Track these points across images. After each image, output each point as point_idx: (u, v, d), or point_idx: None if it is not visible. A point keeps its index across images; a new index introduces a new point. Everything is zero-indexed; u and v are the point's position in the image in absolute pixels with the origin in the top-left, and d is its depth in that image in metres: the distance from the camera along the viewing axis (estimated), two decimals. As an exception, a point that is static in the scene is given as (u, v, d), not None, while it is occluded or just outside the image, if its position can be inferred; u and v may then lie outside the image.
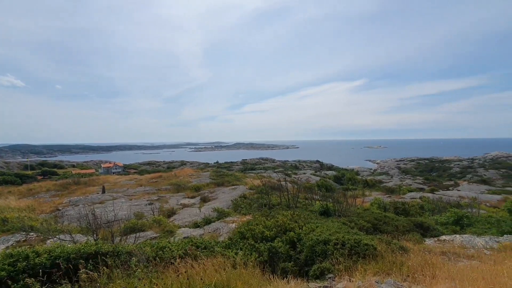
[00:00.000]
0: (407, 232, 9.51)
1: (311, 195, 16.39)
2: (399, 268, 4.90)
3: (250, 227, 7.51)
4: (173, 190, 23.66)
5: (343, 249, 5.65)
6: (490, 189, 30.85)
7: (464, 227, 10.98)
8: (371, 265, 5.15)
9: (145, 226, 11.17)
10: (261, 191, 17.69)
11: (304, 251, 6.06)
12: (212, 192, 21.83)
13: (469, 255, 6.96)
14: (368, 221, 9.74)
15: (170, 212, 15.08)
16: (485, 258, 6.58)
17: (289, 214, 8.72)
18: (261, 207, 13.27)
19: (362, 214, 10.97)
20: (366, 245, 5.74)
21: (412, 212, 14.05)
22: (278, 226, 7.62)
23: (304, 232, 6.96)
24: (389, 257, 5.46)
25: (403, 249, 6.23)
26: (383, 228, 9.54)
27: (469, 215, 12.16)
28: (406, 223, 10.19)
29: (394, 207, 14.50)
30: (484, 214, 13.33)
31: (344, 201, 12.52)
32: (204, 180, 28.37)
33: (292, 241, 6.71)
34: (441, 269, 4.71)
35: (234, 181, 27.46)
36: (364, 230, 8.86)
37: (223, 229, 10.41)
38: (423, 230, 10.14)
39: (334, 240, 5.93)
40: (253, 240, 6.21)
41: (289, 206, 11.98)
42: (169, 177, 31.79)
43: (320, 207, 11.15)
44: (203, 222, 11.64)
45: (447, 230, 10.42)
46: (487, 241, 8.17)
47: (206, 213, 13.68)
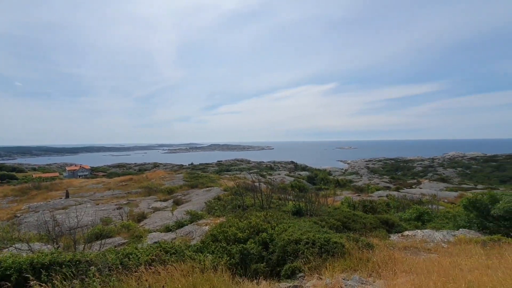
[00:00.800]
0: (374, 229, 9.95)
1: (285, 196, 16.63)
2: (365, 264, 5.12)
3: (223, 229, 7.44)
4: (144, 193, 22.82)
5: (313, 248, 5.79)
6: (448, 187, 33.41)
7: (425, 223, 11.75)
8: (340, 262, 5.32)
9: (113, 232, 10.65)
10: (235, 193, 17.62)
11: (276, 252, 6.11)
12: (186, 195, 21.35)
13: (428, 248, 7.46)
14: (338, 219, 10.06)
15: (140, 217, 14.51)
16: (443, 251, 7.08)
17: (262, 215, 8.77)
18: (235, 209, 13.21)
19: (333, 213, 11.32)
20: (335, 243, 5.93)
21: (379, 210, 14.77)
22: (251, 227, 7.62)
23: (276, 232, 7.03)
24: (356, 254, 5.67)
25: (370, 246, 6.52)
26: (352, 226, 9.91)
27: (429, 211, 13.05)
28: (373, 221, 10.66)
29: (362, 205, 15.15)
30: (443, 210, 14.39)
31: (316, 201, 12.85)
32: (177, 182, 27.66)
33: (265, 241, 6.75)
34: (403, 263, 4.99)
35: (208, 182, 27.08)
36: (334, 228, 9.14)
37: (196, 232, 10.21)
38: (388, 227, 10.68)
39: (305, 240, 6.06)
40: (225, 243, 6.16)
41: (263, 207, 12.05)
42: (140, 180, 30.60)
43: (293, 207, 11.35)
44: (175, 226, 11.34)
45: (410, 225, 11.07)
46: (445, 235, 8.78)
47: (178, 216, 13.34)
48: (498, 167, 64.54)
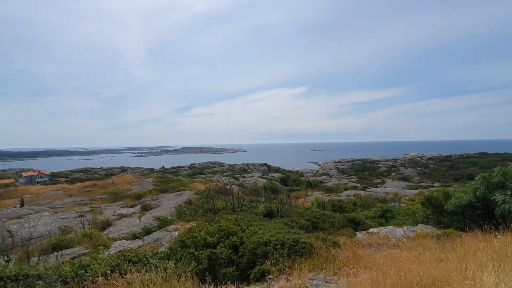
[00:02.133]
0: (341, 227, 10.32)
1: (257, 198, 16.69)
2: (332, 263, 5.28)
3: (192, 234, 7.26)
4: (110, 199, 21.62)
5: (283, 249, 5.85)
6: (409, 185, 35.77)
7: (388, 220, 12.43)
8: (308, 262, 5.44)
9: (73, 242, 9.95)
10: (207, 196, 17.35)
11: (246, 255, 6.09)
12: (155, 200, 20.59)
13: (391, 244, 7.89)
14: (308, 219, 10.30)
15: (104, 224, 13.71)
16: (403, 246, 7.53)
17: (233, 218, 8.70)
18: (206, 213, 12.99)
19: (303, 213, 11.57)
20: (304, 244, 6.05)
21: (346, 209, 15.37)
22: (221, 231, 7.53)
23: (247, 235, 7.01)
24: (324, 253, 5.84)
25: (337, 244, 6.75)
26: (321, 225, 10.20)
27: (392, 208, 13.85)
28: (341, 219, 11.07)
29: (331, 205, 15.67)
30: (404, 207, 15.34)
31: (288, 202, 13.06)
32: (146, 187, 26.59)
33: (235, 245, 6.70)
34: (366, 260, 5.22)
35: (179, 186, 26.38)
36: (304, 228, 9.34)
37: (164, 239, 9.87)
38: (355, 225, 11.15)
39: (275, 241, 6.11)
40: (194, 248, 6.01)
41: (234, 209, 11.98)
42: (106, 185, 28.99)
43: (265, 209, 11.42)
44: (143, 233, 10.88)
45: (375, 223, 11.65)
46: (405, 231, 9.35)
47: (146, 222, 12.81)
48: (451, 166, 70.48)
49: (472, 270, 2.82)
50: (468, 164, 69.36)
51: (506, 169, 9.05)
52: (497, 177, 8.89)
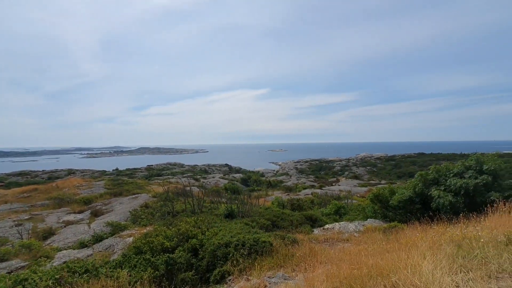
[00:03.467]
0: (300, 225, 10.74)
1: (218, 199, 16.53)
2: (290, 260, 5.46)
3: (148, 239, 6.93)
4: (54, 205, 19.48)
5: (243, 250, 5.89)
6: (360, 183, 38.59)
7: (342, 216, 13.26)
8: (268, 260, 5.54)
9: (9, 254, 8.80)
10: (165, 199, 16.67)
11: (206, 257, 6.00)
12: (107, 204, 19.12)
13: (344, 239, 8.42)
14: (268, 218, 10.52)
15: (47, 233, 12.35)
16: (354, 240, 8.09)
17: (192, 220, 8.50)
18: (164, 216, 12.49)
19: (264, 212, 11.77)
20: (264, 243, 6.17)
21: (305, 207, 16.03)
22: (180, 235, 7.32)
23: (207, 237, 6.91)
24: (283, 251, 6.00)
25: (295, 241, 6.99)
26: (281, 224, 10.49)
27: (345, 205, 14.81)
28: (299, 217, 11.50)
29: (291, 204, 16.20)
30: (356, 204, 16.51)
31: (249, 202, 13.16)
32: (97, 191, 24.54)
33: (195, 248, 6.56)
34: (321, 255, 5.51)
35: (135, 189, 24.88)
36: (264, 228, 9.51)
37: (117, 246, 9.25)
38: (312, 222, 11.68)
39: (235, 242, 6.12)
40: (150, 254, 5.73)
41: (194, 211, 11.72)
42: (49, 190, 26.05)
43: (225, 210, 11.36)
44: (92, 241, 10.05)
45: (330, 219, 12.33)
46: (356, 226, 10.06)
47: (97, 229, 11.86)
48: (395, 165, 77.89)
49: (414, 258, 3.16)
50: (409, 163, 77.33)
51: (440, 167, 10.31)
52: (432, 174, 10.09)
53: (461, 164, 9.81)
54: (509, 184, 9.11)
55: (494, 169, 8.84)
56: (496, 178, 8.97)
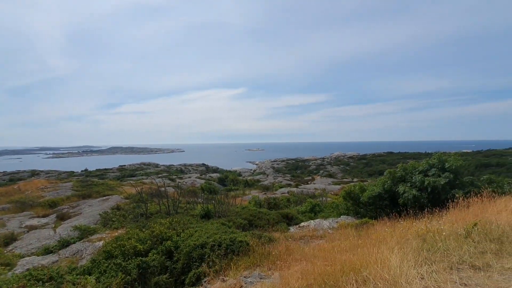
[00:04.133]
0: (276, 223, 10.85)
1: (195, 199, 16.25)
2: (267, 258, 5.49)
3: (120, 243, 6.63)
4: (15, 209, 18.02)
5: (219, 250, 5.83)
6: (334, 181, 39.84)
7: (317, 213, 13.59)
8: (244, 260, 5.53)
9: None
10: (138, 200, 16.09)
11: (181, 259, 5.87)
12: (75, 207, 18.04)
13: (319, 236, 8.63)
14: (245, 218, 10.52)
15: (8, 239, 11.39)
16: (329, 236, 8.32)
17: (167, 222, 8.27)
18: (137, 218, 12.04)
19: (241, 212, 11.75)
20: (240, 242, 6.15)
21: (281, 206, 16.23)
22: (154, 237, 7.09)
23: (182, 239, 6.75)
24: (259, 250, 6.02)
25: (271, 240, 7.05)
26: (257, 222, 10.53)
27: (320, 203, 15.20)
28: (275, 216, 11.62)
29: (267, 202, 16.32)
30: (330, 201, 16.99)
31: (226, 202, 13.07)
32: (64, 193, 23.05)
33: (169, 250, 6.38)
34: (297, 252, 5.60)
35: (106, 191, 23.70)
36: (241, 227, 9.49)
37: (86, 251, 8.77)
38: (288, 220, 11.85)
39: (212, 242, 6.04)
40: (122, 258, 5.49)
41: (169, 213, 11.42)
42: (10, 192, 24.06)
43: (202, 210, 11.19)
44: (59, 246, 9.45)
45: (305, 217, 12.59)
46: (330, 223, 10.36)
47: (63, 233, 11.15)
48: (367, 164, 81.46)
49: (383, 253, 3.32)
50: (379, 161, 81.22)
51: (406, 165, 10.92)
52: (400, 172, 10.66)
53: (426, 162, 10.45)
54: (468, 180, 9.86)
55: (456, 167, 9.51)
56: (457, 175, 9.66)
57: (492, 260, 3.01)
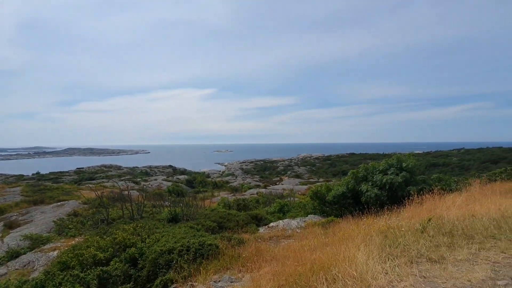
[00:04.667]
0: (246, 225, 10.82)
1: (161, 202, 15.63)
2: (237, 261, 5.43)
3: (78, 252, 6.13)
4: (-52, 219, 15.82)
5: (188, 255, 5.64)
6: (301, 181, 41.02)
7: (285, 213, 13.84)
8: (214, 264, 5.42)
9: None
10: (98, 205, 15.05)
11: (146, 266, 5.58)
12: (25, 214, 16.38)
13: (287, 235, 8.78)
14: (214, 220, 10.34)
15: None
16: (297, 235, 8.51)
17: (131, 227, 7.82)
18: (97, 225, 11.25)
19: (209, 214, 11.54)
20: (210, 245, 6.01)
21: (250, 207, 16.26)
22: (117, 244, 6.66)
23: (147, 245, 6.43)
24: (229, 252, 5.94)
25: (241, 242, 7.00)
26: (227, 224, 10.42)
27: (288, 203, 15.51)
28: (245, 217, 11.59)
29: (237, 204, 16.25)
30: (297, 201, 17.42)
31: (194, 204, 12.75)
32: (12, 199, 20.81)
33: (133, 258, 6.03)
34: (268, 253, 5.63)
35: (61, 196, 21.86)
36: (210, 230, 9.32)
37: (38, 262, 7.98)
38: (257, 221, 11.90)
39: (179, 247, 5.83)
40: (80, 269, 5.06)
41: (133, 218, 10.84)
42: None
43: (169, 214, 10.79)
44: (7, 257, 8.52)
45: (274, 217, 12.75)
46: (298, 222, 10.60)
47: (12, 243, 10.05)
48: (331, 164, 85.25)
49: (350, 251, 3.46)
50: (342, 162, 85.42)
51: (368, 165, 11.60)
52: (362, 172, 11.29)
53: (385, 162, 11.18)
54: (421, 179, 10.77)
55: (411, 167, 10.33)
56: (412, 174, 10.48)
57: (446, 252, 3.30)
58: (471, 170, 44.53)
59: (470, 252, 3.29)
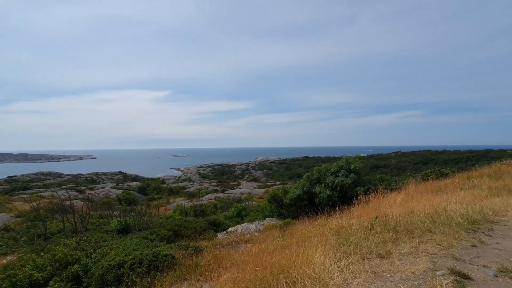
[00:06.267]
0: (203, 231, 10.53)
1: (109, 212, 14.38)
2: (194, 270, 5.22)
3: (10, 272, 5.32)
4: None
5: (140, 268, 5.26)
6: (258, 185, 41.58)
7: (243, 217, 13.84)
8: (170, 275, 5.13)
9: None
10: (34, 218, 13.25)
11: (92, 284, 5.06)
12: None
13: (246, 239, 8.76)
14: (170, 228, 9.86)
15: None
16: (256, 239, 8.55)
17: (73, 241, 7.03)
18: (33, 240, 9.89)
19: (165, 222, 10.98)
20: (165, 256, 5.69)
21: (208, 212, 15.91)
22: (56, 261, 5.92)
23: (93, 260, 5.83)
24: (186, 262, 5.69)
25: (199, 250, 6.77)
26: (184, 232, 10.01)
27: (246, 207, 15.56)
28: (203, 223, 11.28)
29: (194, 210, 15.76)
30: (255, 205, 17.60)
31: (147, 212, 12.02)
32: None
33: (77, 275, 5.42)
34: (227, 259, 5.53)
35: (-16, 209, 18.72)
36: (165, 239, 8.85)
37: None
38: (216, 227, 11.67)
39: (131, 260, 5.41)
40: (9, 293, 4.37)
41: (76, 231, 9.78)
42: None
43: (118, 224, 9.98)
44: None
45: (232, 222, 12.66)
46: (257, 225, 10.68)
47: None
48: (287, 168, 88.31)
49: (308, 252, 3.57)
50: (297, 165, 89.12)
51: (321, 168, 12.24)
52: (316, 174, 11.89)
53: (336, 165, 11.93)
54: (366, 179, 11.74)
55: (359, 169, 11.19)
56: (360, 175, 11.36)
57: (392, 247, 3.62)
58: (407, 171, 50.05)
59: (411, 246, 3.66)
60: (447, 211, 5.20)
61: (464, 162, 54.99)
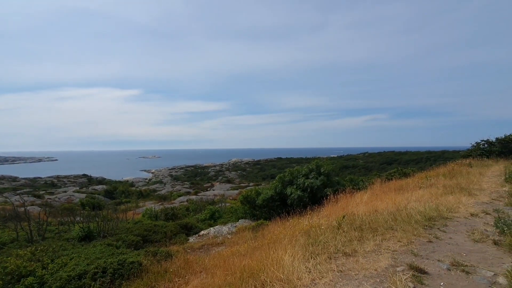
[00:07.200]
0: (174, 236, 10.22)
1: (71, 218, 13.43)
2: (163, 277, 5.04)
3: None
4: None
5: (104, 277, 4.96)
6: (232, 186, 41.38)
7: (216, 220, 13.66)
8: (136, 283, 4.90)
9: None
10: (-19, 227, 11.96)
11: (49, 298, 4.68)
12: None
13: (218, 242, 8.65)
14: (138, 234, 9.44)
15: None
16: (228, 241, 8.47)
17: (28, 252, 6.45)
18: (-22, 252, 8.89)
19: (132, 228, 10.48)
20: (132, 263, 5.43)
21: (180, 215, 15.48)
22: (8, 274, 5.40)
23: (51, 271, 5.40)
24: (155, 268, 5.47)
25: (169, 255, 6.54)
26: (153, 237, 9.63)
27: (219, 209, 15.38)
28: (174, 227, 10.95)
29: (164, 213, 15.25)
30: (229, 206, 17.46)
31: (114, 218, 11.40)
32: None
33: (31, 289, 4.99)
34: (197, 264, 5.41)
35: None
36: (133, 245, 8.45)
37: None
38: (187, 230, 11.38)
39: (93, 270, 5.08)
40: None
41: (32, 240, 8.99)
42: None
43: (80, 231, 9.36)
44: None
45: (205, 225, 12.44)
46: (230, 228, 10.59)
47: None
48: (261, 169, 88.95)
49: (278, 253, 3.60)
50: (271, 166, 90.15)
51: (293, 170, 12.48)
52: (288, 176, 12.10)
53: (307, 167, 12.25)
54: (336, 180, 12.17)
55: (328, 171, 11.59)
56: (329, 177, 11.75)
57: (357, 246, 3.78)
58: (373, 171, 52.78)
59: (375, 243, 3.86)
60: (407, 209, 5.56)
61: (423, 162, 59.23)
